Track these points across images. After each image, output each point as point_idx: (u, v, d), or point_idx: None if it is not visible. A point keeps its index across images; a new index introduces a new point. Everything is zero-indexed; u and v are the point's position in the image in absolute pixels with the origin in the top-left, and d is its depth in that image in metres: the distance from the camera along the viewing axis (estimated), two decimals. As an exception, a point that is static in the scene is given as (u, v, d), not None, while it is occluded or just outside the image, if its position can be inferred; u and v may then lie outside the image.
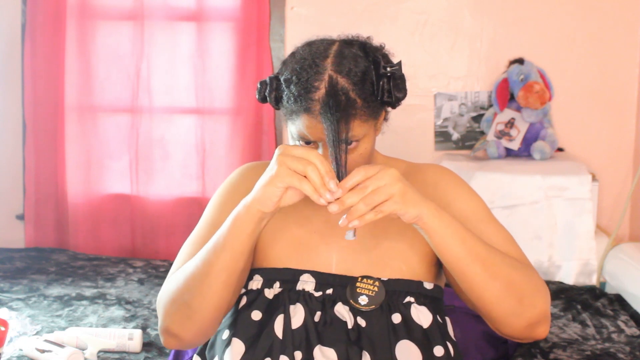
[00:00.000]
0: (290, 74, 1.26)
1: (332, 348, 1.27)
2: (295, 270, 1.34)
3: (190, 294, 1.28)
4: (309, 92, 1.23)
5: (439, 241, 1.22)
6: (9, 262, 3.05)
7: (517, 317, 1.26)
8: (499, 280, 1.23)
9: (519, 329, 1.28)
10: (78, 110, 3.33)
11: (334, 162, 1.21)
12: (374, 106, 1.27)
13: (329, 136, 1.21)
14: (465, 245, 1.22)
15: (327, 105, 1.21)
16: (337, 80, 1.23)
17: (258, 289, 1.34)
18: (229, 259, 1.25)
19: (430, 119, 3.33)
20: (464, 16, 3.29)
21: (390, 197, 1.16)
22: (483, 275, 1.22)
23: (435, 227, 1.20)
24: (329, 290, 1.32)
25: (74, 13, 3.27)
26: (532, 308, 1.26)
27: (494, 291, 1.24)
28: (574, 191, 2.88)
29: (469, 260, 1.22)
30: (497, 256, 1.25)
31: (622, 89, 3.26)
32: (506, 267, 1.25)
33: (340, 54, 1.26)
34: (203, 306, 1.27)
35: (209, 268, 1.26)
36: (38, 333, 2.27)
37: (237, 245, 1.24)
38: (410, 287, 1.33)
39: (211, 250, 1.26)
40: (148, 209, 3.35)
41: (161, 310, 1.33)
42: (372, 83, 1.26)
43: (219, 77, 3.30)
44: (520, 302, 1.25)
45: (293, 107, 1.25)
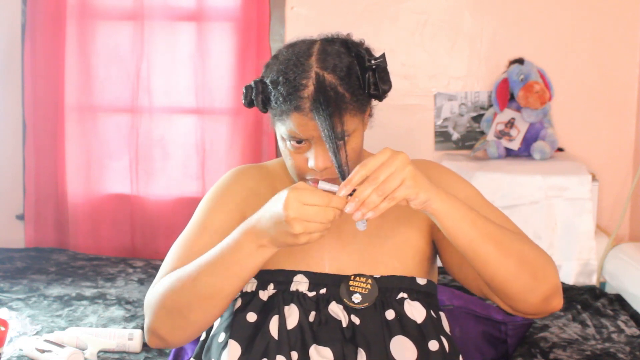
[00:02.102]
0: (277, 75, 1.27)
1: (328, 347, 1.27)
2: (289, 272, 1.34)
3: (190, 309, 1.28)
4: (298, 90, 1.23)
5: (449, 224, 1.21)
6: (9, 262, 3.05)
7: (532, 293, 1.26)
8: (512, 257, 1.24)
9: (535, 304, 1.28)
10: (78, 110, 3.33)
11: (333, 159, 1.21)
12: (362, 100, 1.27)
13: (325, 132, 1.21)
14: (476, 226, 1.21)
15: (318, 102, 1.22)
16: (324, 77, 1.24)
17: (252, 291, 1.35)
18: (239, 284, 1.26)
19: (430, 119, 3.33)
20: (464, 16, 3.29)
21: (402, 182, 1.16)
22: (496, 254, 1.22)
23: (445, 210, 1.20)
24: (323, 290, 1.32)
25: (74, 13, 3.28)
26: (546, 281, 1.26)
27: (508, 268, 1.23)
28: (574, 191, 2.88)
29: (481, 241, 1.22)
30: (507, 234, 1.26)
31: (622, 89, 3.26)
32: (517, 243, 1.26)
33: (323, 51, 1.27)
34: (202, 321, 1.29)
35: (218, 291, 1.26)
36: (38, 333, 2.27)
37: (249, 273, 1.26)
38: (403, 283, 1.33)
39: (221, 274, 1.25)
40: (148, 209, 3.35)
41: (150, 312, 1.33)
42: (358, 77, 1.27)
43: (219, 77, 3.31)
44: (534, 277, 1.25)
45: (282, 107, 1.25)
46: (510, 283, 1.25)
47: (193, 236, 1.39)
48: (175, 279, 1.31)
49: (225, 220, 1.38)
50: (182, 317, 1.29)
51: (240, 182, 1.43)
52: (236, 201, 1.41)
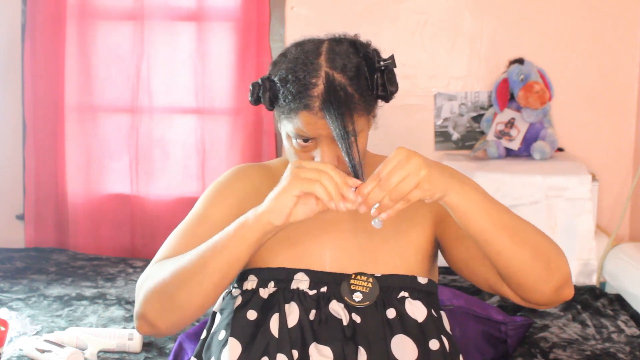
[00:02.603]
0: (286, 73, 1.27)
1: (328, 345, 1.27)
2: (290, 270, 1.34)
3: (177, 287, 1.27)
4: (307, 89, 1.23)
5: (463, 216, 1.21)
6: (9, 262, 3.05)
7: (545, 282, 1.26)
8: (527, 247, 1.24)
9: (548, 293, 1.28)
10: (78, 110, 3.33)
11: (346, 157, 1.21)
12: (369, 100, 1.28)
13: (337, 131, 1.21)
14: (490, 217, 1.21)
15: (329, 101, 1.22)
16: (334, 76, 1.24)
17: (253, 289, 1.34)
18: (225, 262, 1.25)
19: (430, 119, 3.33)
20: (464, 16, 3.29)
21: (417, 185, 1.15)
22: (511, 245, 1.22)
23: (459, 203, 1.20)
24: (324, 288, 1.32)
25: (74, 13, 3.28)
26: (558, 271, 1.27)
27: (523, 258, 1.24)
28: (574, 191, 2.88)
29: (495, 232, 1.22)
30: (521, 223, 1.26)
31: (622, 89, 3.26)
32: (531, 233, 1.26)
33: (332, 50, 1.27)
34: (187, 302, 1.27)
35: (202, 267, 1.25)
36: (38, 333, 2.27)
37: (236, 251, 1.24)
38: (404, 282, 1.33)
39: (210, 249, 1.26)
40: (148, 209, 3.35)
41: (141, 296, 1.32)
42: (366, 78, 1.27)
43: (219, 77, 3.31)
44: (548, 267, 1.25)
45: (291, 106, 1.25)
46: (525, 273, 1.25)
47: (191, 226, 1.39)
48: (169, 263, 1.31)
49: (225, 213, 1.38)
50: (170, 298, 1.28)
51: (241, 180, 1.43)
52: (237, 197, 1.41)
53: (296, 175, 1.18)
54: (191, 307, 1.28)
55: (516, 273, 1.25)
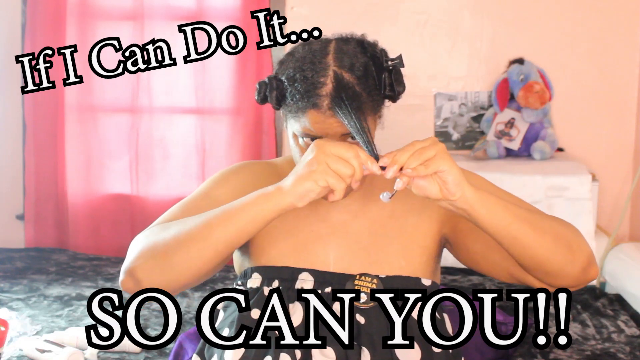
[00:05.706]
0: (293, 72, 1.27)
1: (331, 346, 1.27)
2: (294, 269, 1.34)
3: (175, 249, 1.24)
4: (316, 87, 1.23)
5: (483, 213, 1.21)
6: (9, 262, 3.05)
7: (571, 265, 1.27)
8: (548, 235, 1.24)
9: (575, 275, 1.28)
10: (78, 110, 3.33)
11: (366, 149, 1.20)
12: (377, 100, 1.28)
13: (353, 126, 1.20)
14: (509, 211, 1.22)
15: (340, 99, 1.22)
16: (342, 75, 1.24)
17: (257, 287, 1.34)
18: (233, 231, 1.22)
19: (430, 119, 3.33)
20: (464, 16, 3.29)
21: (437, 153, 1.16)
22: (533, 234, 1.23)
23: (479, 200, 1.20)
24: (328, 289, 1.32)
25: (74, 13, 3.28)
26: (581, 252, 1.27)
27: (547, 246, 1.24)
28: (574, 191, 2.88)
29: (517, 224, 1.22)
30: (537, 212, 1.27)
31: (622, 89, 3.26)
32: (548, 220, 1.27)
33: (339, 50, 1.27)
34: (182, 266, 1.24)
35: (208, 232, 1.22)
36: (38, 333, 2.27)
37: (247, 222, 1.22)
38: (409, 284, 1.33)
39: (218, 216, 1.23)
40: (148, 209, 3.35)
41: (134, 252, 1.28)
42: (374, 77, 1.27)
43: (219, 77, 3.30)
44: (570, 249, 1.26)
45: (299, 104, 1.25)
46: (550, 260, 1.25)
47: (194, 200, 1.37)
48: (174, 224, 1.28)
49: (229, 196, 1.35)
50: (165, 257, 1.24)
51: (247, 171, 1.43)
52: (242, 182, 1.40)
53: (323, 162, 1.16)
54: (184, 272, 1.24)
55: (543, 261, 1.25)
